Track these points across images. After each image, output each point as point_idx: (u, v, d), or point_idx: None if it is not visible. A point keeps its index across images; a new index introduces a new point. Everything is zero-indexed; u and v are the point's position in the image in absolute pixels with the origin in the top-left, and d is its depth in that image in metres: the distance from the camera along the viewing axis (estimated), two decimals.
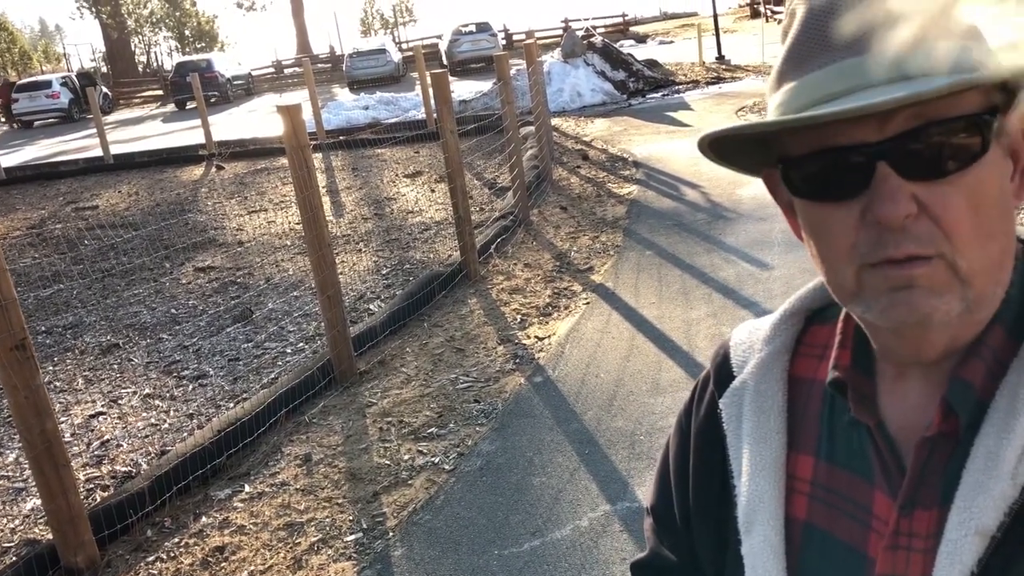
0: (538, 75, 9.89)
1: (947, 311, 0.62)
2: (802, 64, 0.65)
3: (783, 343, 0.80)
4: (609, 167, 10.24)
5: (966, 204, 0.60)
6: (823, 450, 0.75)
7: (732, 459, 0.81)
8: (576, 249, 7.00)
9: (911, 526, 0.66)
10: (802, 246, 3.25)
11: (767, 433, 0.77)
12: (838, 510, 0.72)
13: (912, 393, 0.69)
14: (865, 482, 0.70)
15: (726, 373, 0.85)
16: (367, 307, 6.35)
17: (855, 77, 0.61)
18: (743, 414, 0.80)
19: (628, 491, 3.53)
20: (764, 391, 0.79)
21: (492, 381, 4.75)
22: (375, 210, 9.74)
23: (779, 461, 0.76)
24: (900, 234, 0.61)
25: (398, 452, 4.10)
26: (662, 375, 4.50)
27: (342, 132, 16.17)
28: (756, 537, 0.75)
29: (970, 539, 0.61)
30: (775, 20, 32.72)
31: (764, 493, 0.76)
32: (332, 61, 39.71)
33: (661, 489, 0.94)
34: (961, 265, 0.61)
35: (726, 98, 14.90)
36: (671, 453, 0.92)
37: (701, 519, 0.86)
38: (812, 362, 0.78)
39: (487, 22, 31.17)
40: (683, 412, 0.91)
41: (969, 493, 0.62)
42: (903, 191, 0.60)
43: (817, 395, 0.77)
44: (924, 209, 0.60)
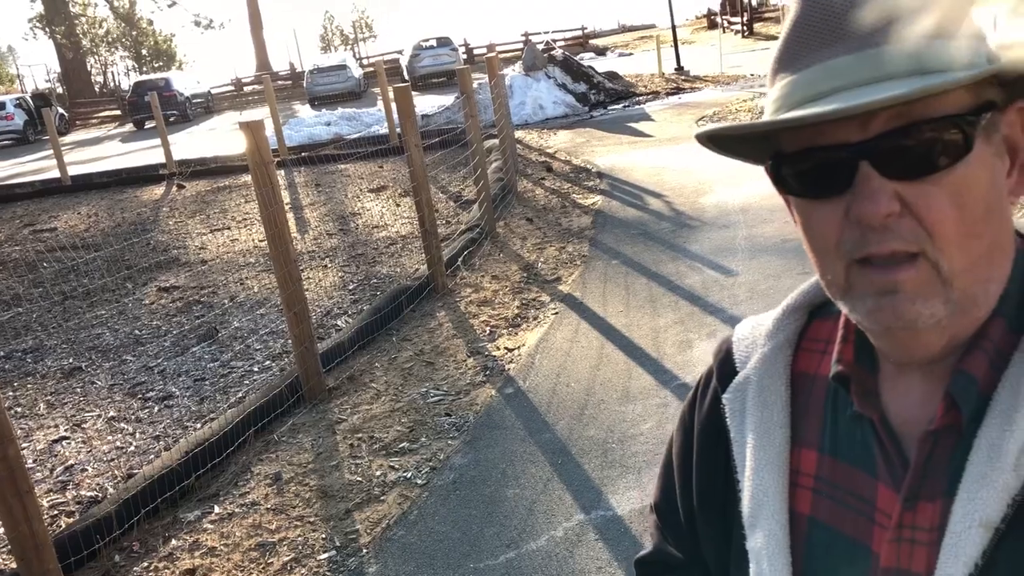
0: (500, 88, 9.92)
1: (931, 315, 0.63)
2: (793, 61, 0.66)
3: (786, 338, 0.81)
4: (573, 178, 10.28)
5: (949, 203, 0.61)
6: (826, 444, 0.75)
7: (736, 454, 0.81)
8: (543, 260, 7.01)
9: (915, 519, 0.67)
10: (765, 252, 3.34)
11: (771, 428, 0.77)
12: (842, 504, 0.72)
13: (914, 387, 0.70)
14: (868, 476, 0.71)
15: (729, 368, 0.85)
16: (334, 323, 6.30)
17: (839, 77, 0.62)
18: (746, 409, 0.80)
19: (602, 500, 3.53)
20: (767, 386, 0.79)
21: (463, 394, 4.74)
22: (340, 225, 9.69)
23: (783, 456, 0.76)
24: (883, 232, 0.61)
25: (370, 468, 4.06)
26: (632, 383, 4.52)
27: (304, 148, 16.07)
28: (760, 532, 0.76)
29: (974, 531, 0.62)
30: (731, 31, 33.17)
31: (768, 488, 0.76)
32: (292, 78, 39.53)
33: (665, 485, 0.94)
34: (943, 265, 0.62)
35: (686, 108, 15.06)
36: (674, 449, 0.92)
37: (705, 515, 0.86)
38: (815, 357, 0.79)
39: (448, 37, 31.24)
40: (686, 408, 0.91)
41: (973, 485, 0.63)
42: (884, 190, 0.61)
43: (820, 390, 0.77)
44: (907, 207, 0.61)
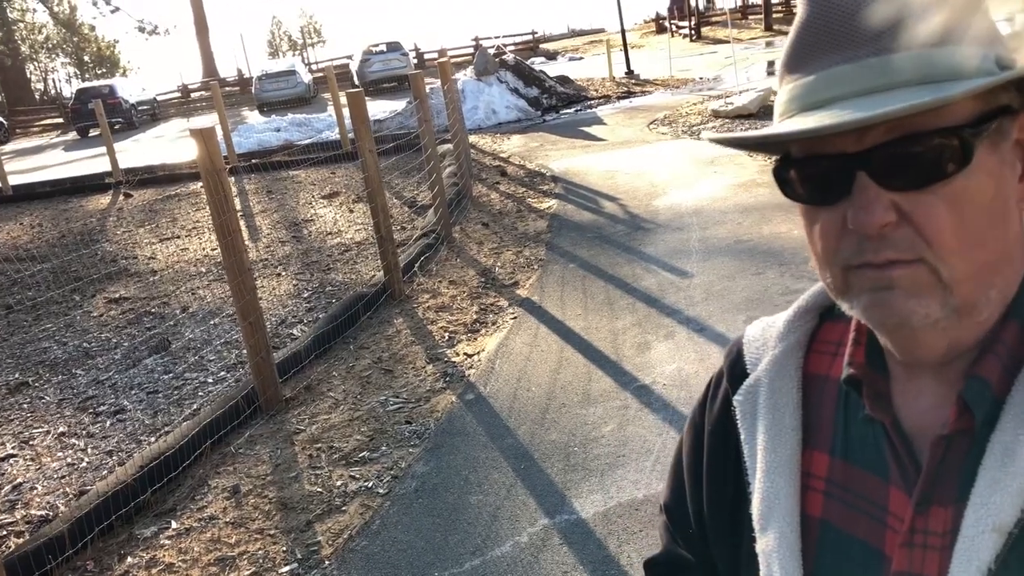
0: (453, 93, 9.90)
1: (926, 314, 0.63)
2: (798, 66, 0.66)
3: (797, 340, 0.80)
4: (528, 182, 10.30)
5: (948, 213, 0.61)
6: (838, 447, 0.74)
7: (747, 456, 0.80)
8: (500, 264, 7.00)
9: (927, 523, 0.66)
10: (719, 253, 3.37)
11: (782, 430, 0.77)
12: (854, 508, 0.72)
13: (926, 390, 0.69)
14: (880, 479, 0.70)
15: (740, 370, 0.84)
16: (290, 332, 6.22)
17: (842, 85, 0.62)
18: (757, 411, 0.79)
19: (566, 504, 3.53)
20: (779, 388, 0.79)
21: (423, 401, 4.70)
22: (292, 233, 9.58)
23: (794, 458, 0.76)
24: (880, 241, 0.62)
25: (330, 478, 4.01)
26: (592, 386, 4.53)
27: (254, 155, 15.89)
28: (771, 535, 0.75)
29: (987, 536, 0.61)
30: (680, 35, 33.54)
31: (780, 491, 0.75)
32: (240, 84, 39.04)
33: (675, 487, 0.93)
34: (943, 272, 0.61)
35: (637, 112, 15.18)
36: (684, 451, 0.91)
37: (715, 516, 0.85)
38: (826, 359, 0.79)
39: (398, 42, 31.09)
40: (696, 409, 0.91)
41: (986, 490, 0.62)
42: (880, 201, 0.61)
43: (831, 392, 0.77)
44: (905, 217, 0.61)
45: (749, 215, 7.26)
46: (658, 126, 13.19)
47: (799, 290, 3.93)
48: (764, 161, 9.40)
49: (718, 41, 31.08)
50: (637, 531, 3.28)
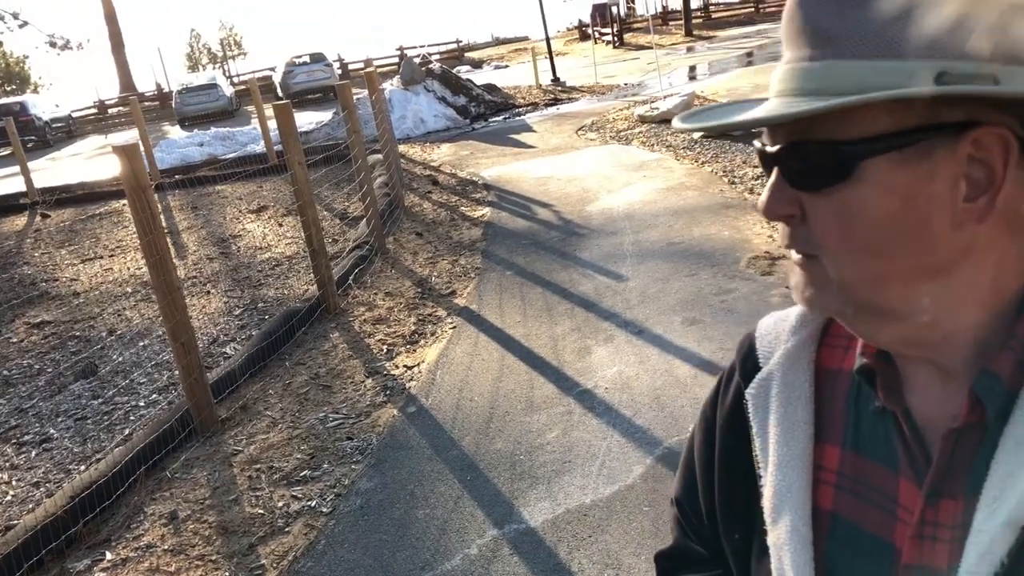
0: (381, 103, 9.82)
1: (824, 306, 0.69)
2: (780, 59, 0.69)
3: (810, 333, 0.81)
4: (460, 191, 10.27)
5: (833, 219, 0.64)
6: (849, 440, 0.75)
7: (758, 449, 0.81)
8: (436, 274, 6.95)
9: (937, 516, 0.67)
10: (652, 256, 3.39)
11: (794, 424, 0.78)
12: (864, 500, 0.73)
13: (933, 383, 0.70)
14: (891, 471, 0.71)
15: (752, 364, 0.85)
16: (222, 351, 6.06)
17: (782, 82, 0.66)
18: (770, 404, 0.80)
19: (514, 513, 3.50)
20: (791, 382, 0.79)
21: (363, 416, 4.63)
22: (220, 249, 9.36)
23: (807, 452, 0.77)
24: (790, 232, 0.68)
25: (271, 499, 3.91)
26: (535, 392, 4.52)
27: (177, 170, 15.52)
28: (783, 527, 0.76)
29: (1000, 530, 0.61)
30: (603, 42, 33.95)
31: (792, 484, 0.76)
32: (160, 98, 38.11)
33: (686, 480, 0.94)
34: (831, 272, 0.66)
35: (565, 119, 15.29)
36: (696, 444, 0.92)
37: (726, 509, 0.86)
38: (838, 352, 0.80)
39: (321, 53, 30.77)
40: (708, 403, 0.91)
41: (999, 484, 0.62)
42: (781, 194, 0.67)
43: (843, 385, 0.78)
44: (804, 215, 0.66)
45: (680, 218, 7.36)
46: (586, 132, 13.31)
47: (732, 290, 4.02)
48: (692, 164, 9.56)
49: (640, 47, 31.56)
50: (586, 537, 3.27)
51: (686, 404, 4.11)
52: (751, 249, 6.21)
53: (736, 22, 36.48)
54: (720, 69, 19.80)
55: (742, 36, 29.88)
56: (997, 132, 0.60)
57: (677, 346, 4.77)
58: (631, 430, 3.97)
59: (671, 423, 3.96)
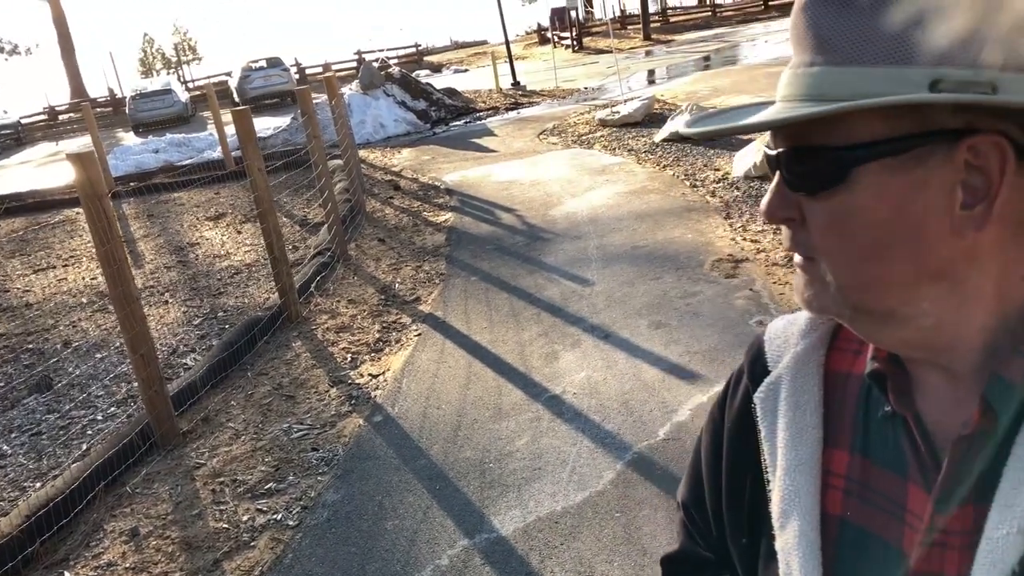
0: (341, 107, 9.73)
1: (821, 307, 0.69)
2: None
3: (819, 337, 0.81)
4: (422, 196, 10.20)
5: (828, 224, 0.65)
6: (858, 445, 0.75)
7: (767, 453, 0.80)
8: (400, 280, 6.89)
9: (946, 522, 0.66)
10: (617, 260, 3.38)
11: (803, 428, 0.77)
12: (873, 505, 0.72)
13: (943, 388, 0.70)
14: (900, 477, 0.71)
15: (761, 367, 0.85)
16: (182, 362, 5.94)
17: (785, 87, 0.66)
18: (778, 408, 0.80)
19: (485, 522, 3.46)
20: (800, 386, 0.79)
21: (329, 426, 4.56)
22: (178, 258, 9.20)
23: (816, 456, 0.76)
24: (791, 234, 0.69)
25: (235, 513, 3.83)
26: (503, 399, 4.48)
27: (132, 178, 15.23)
28: (791, 532, 0.75)
29: (1012, 537, 0.61)
30: (562, 46, 34.07)
31: (800, 488, 0.76)
32: (113, 104, 37.45)
33: (692, 483, 0.94)
34: (827, 276, 0.66)
35: (526, 123, 15.29)
36: (703, 447, 0.92)
37: (733, 513, 0.86)
38: (848, 356, 0.79)
39: (278, 57, 30.45)
40: (716, 406, 0.91)
41: (1010, 491, 0.62)
42: (781, 197, 0.68)
43: (853, 390, 0.77)
44: (804, 219, 0.67)
45: (643, 221, 7.38)
46: (548, 136, 13.32)
47: (696, 293, 4.02)
48: (654, 168, 9.61)
49: (599, 51, 31.73)
50: (559, 544, 3.24)
51: (655, 408, 4.10)
52: (715, 252, 6.24)
53: (693, 26, 36.85)
54: (679, 73, 19.96)
55: (699, 40, 30.19)
56: (993, 139, 0.59)
57: (644, 350, 4.77)
58: (600, 435, 3.96)
59: (640, 428, 3.95)
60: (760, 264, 5.84)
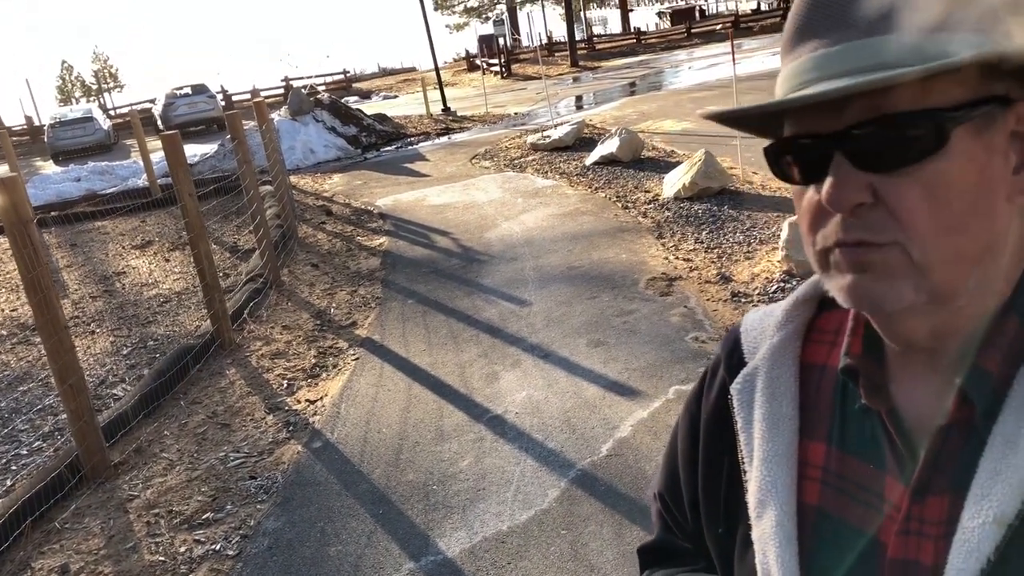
0: (271, 133, 9.63)
1: (899, 298, 0.62)
2: (791, 49, 0.67)
3: (795, 329, 0.80)
4: (355, 220, 10.13)
5: (922, 196, 0.61)
6: (835, 436, 0.75)
7: (743, 444, 0.80)
8: (335, 305, 6.81)
9: (923, 512, 0.66)
10: (553, 281, 3.43)
11: (779, 419, 0.77)
12: (850, 496, 0.72)
13: (921, 379, 0.70)
14: (877, 468, 0.71)
15: (737, 359, 0.85)
16: (111, 392, 5.76)
17: (822, 67, 0.63)
18: (755, 400, 0.79)
19: (430, 544, 3.43)
20: (776, 377, 0.79)
21: (266, 453, 4.47)
22: (104, 287, 8.94)
23: (792, 447, 0.76)
24: (853, 220, 0.62)
25: (172, 545, 3.72)
26: (444, 421, 4.46)
27: (53, 207, 14.77)
28: (768, 522, 0.75)
29: (988, 527, 0.61)
30: (491, 72, 34.33)
31: (777, 479, 0.75)
32: (31, 132, 36.34)
33: (668, 474, 0.94)
34: (915, 254, 0.61)
35: (458, 147, 15.34)
36: (679, 438, 0.91)
37: (709, 504, 0.86)
38: (824, 348, 0.79)
39: (203, 84, 30.02)
40: (691, 397, 0.91)
41: (987, 481, 0.62)
42: (852, 180, 0.62)
43: (829, 381, 0.77)
44: (880, 199, 0.62)
45: (578, 242, 7.46)
46: (480, 160, 13.38)
47: (633, 311, 4.08)
48: (586, 190, 9.72)
49: (528, 77, 32.05)
50: (505, 564, 3.23)
51: (596, 425, 4.13)
52: (648, 271, 6.34)
53: (619, 53, 37.54)
54: (606, 98, 20.29)
55: (625, 67, 30.76)
56: None
57: (584, 368, 4.80)
58: (544, 454, 3.96)
59: (583, 445, 3.97)
60: (693, 282, 5.95)
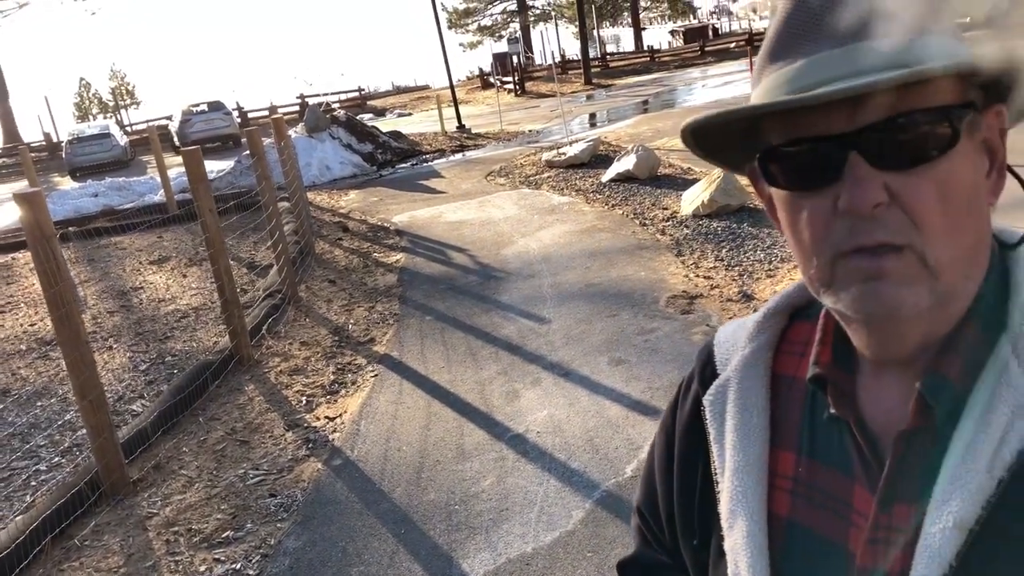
0: (290, 149, 9.66)
1: (915, 303, 0.63)
2: (780, 55, 0.66)
3: (766, 340, 0.81)
4: (372, 237, 10.14)
5: (936, 195, 0.61)
6: (804, 446, 0.75)
7: (715, 455, 0.80)
8: (353, 321, 6.80)
9: (891, 520, 0.66)
10: (572, 298, 3.38)
11: (750, 430, 0.77)
12: (819, 506, 0.72)
13: (890, 389, 0.70)
14: (845, 478, 0.71)
15: (710, 371, 0.85)
16: (129, 408, 5.75)
17: (828, 69, 0.62)
18: (726, 411, 0.80)
19: (454, 566, 3.38)
20: (747, 388, 0.79)
21: (286, 471, 4.44)
22: (121, 302, 8.95)
23: (762, 458, 0.76)
24: (871, 223, 0.62)
25: (192, 564, 3.69)
26: (465, 439, 4.42)
27: (71, 223, 14.86)
28: (738, 532, 0.75)
29: (948, 532, 0.61)
30: (505, 90, 34.45)
31: (748, 489, 0.76)
32: (49, 148, 36.62)
33: (646, 487, 0.95)
34: (929, 256, 0.62)
35: (473, 165, 15.36)
36: (656, 452, 0.92)
37: (684, 515, 0.86)
38: (794, 359, 0.79)
39: (219, 101, 30.20)
40: (668, 410, 0.92)
41: (947, 487, 0.62)
42: (873, 180, 0.61)
43: (799, 392, 0.77)
44: (895, 199, 0.61)
45: (595, 259, 7.43)
46: (496, 177, 13.39)
47: (654, 329, 4.04)
48: (602, 207, 9.70)
49: (541, 95, 32.17)
50: None
51: (620, 445, 4.08)
52: (668, 289, 6.29)
53: (632, 71, 37.62)
54: (620, 116, 20.32)
55: (638, 84, 30.83)
56: (997, 110, 0.65)
57: (605, 387, 4.76)
58: (567, 474, 3.92)
59: (607, 465, 3.92)
60: (715, 300, 5.91)
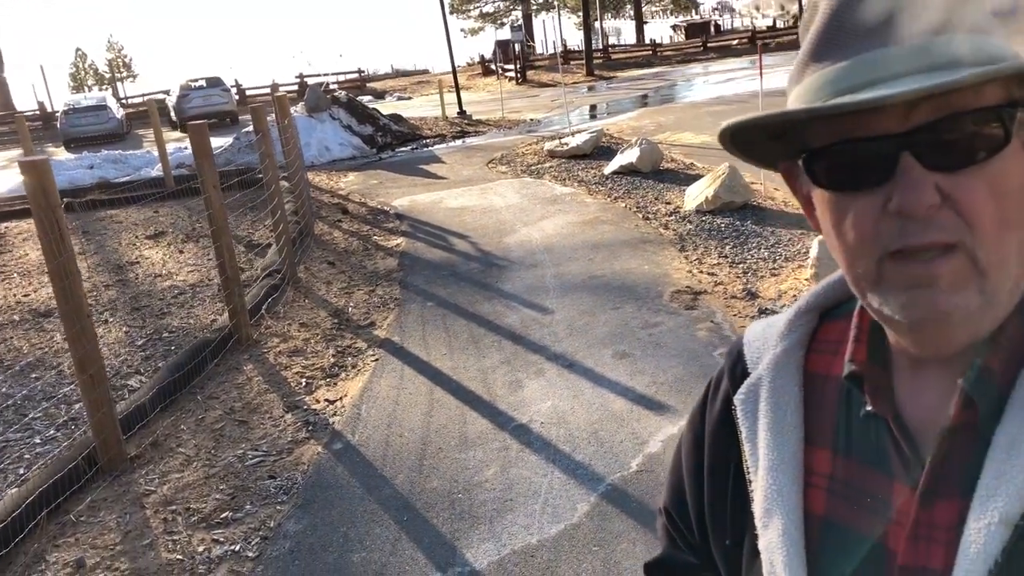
0: (292, 128, 9.57)
1: (966, 308, 0.62)
2: (825, 56, 0.65)
3: (798, 339, 0.80)
4: (372, 220, 10.07)
5: (988, 194, 0.61)
6: (840, 444, 0.74)
7: (748, 454, 0.80)
8: (353, 304, 6.74)
9: (932, 517, 0.66)
10: (575, 289, 3.32)
11: (784, 428, 0.77)
12: (857, 504, 0.71)
13: (929, 385, 0.69)
14: (883, 475, 0.70)
15: (740, 370, 0.85)
16: (126, 383, 5.68)
17: (877, 69, 0.61)
18: (759, 410, 0.79)
19: (457, 555, 3.35)
20: (780, 387, 0.79)
21: (285, 453, 4.39)
22: (117, 276, 8.87)
23: (797, 456, 0.76)
24: (923, 223, 0.61)
25: (190, 544, 3.64)
26: (468, 427, 4.38)
27: (65, 194, 14.69)
28: (774, 531, 0.74)
29: (994, 528, 0.60)
30: (506, 77, 34.30)
31: (783, 487, 0.75)
32: (43, 118, 36.31)
33: (674, 488, 0.93)
34: (980, 256, 0.61)
35: (474, 151, 15.29)
36: (684, 451, 0.91)
37: (716, 515, 0.85)
38: (826, 358, 0.79)
39: (218, 77, 29.98)
40: (696, 410, 0.91)
41: (992, 482, 0.62)
42: (926, 181, 0.60)
43: (832, 390, 0.77)
44: (946, 199, 0.61)
45: (599, 251, 7.38)
46: (497, 165, 13.32)
47: (658, 324, 3.99)
48: (605, 199, 9.65)
49: (542, 84, 32.05)
50: None
51: (625, 440, 4.05)
52: (672, 284, 6.26)
53: (634, 64, 37.54)
54: (623, 108, 20.26)
55: (640, 77, 30.76)
56: None
57: (610, 380, 4.72)
58: (571, 466, 3.88)
59: (612, 459, 3.89)
60: (719, 296, 5.87)
